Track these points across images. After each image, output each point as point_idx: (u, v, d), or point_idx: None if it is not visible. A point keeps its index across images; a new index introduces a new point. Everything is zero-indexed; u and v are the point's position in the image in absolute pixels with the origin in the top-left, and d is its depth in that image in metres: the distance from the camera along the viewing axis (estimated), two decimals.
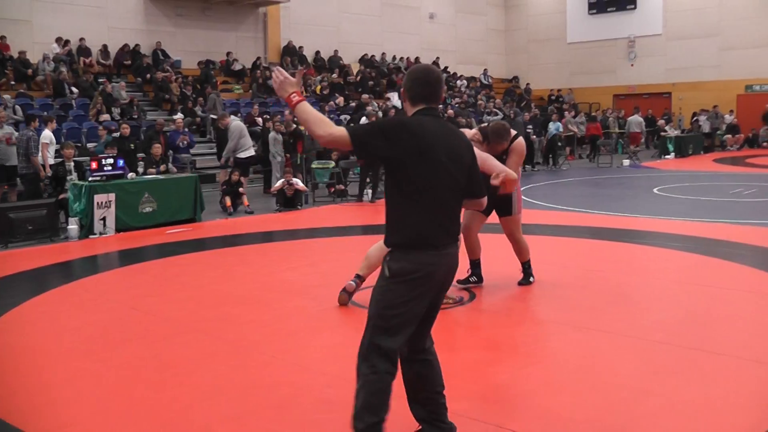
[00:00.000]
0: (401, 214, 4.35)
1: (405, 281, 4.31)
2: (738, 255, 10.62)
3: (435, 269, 4.38)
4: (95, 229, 13.79)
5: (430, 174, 4.29)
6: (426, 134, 4.30)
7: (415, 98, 4.48)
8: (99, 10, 27.64)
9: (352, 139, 4.18)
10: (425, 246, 4.33)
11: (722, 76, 37.74)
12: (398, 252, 4.35)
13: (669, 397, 5.52)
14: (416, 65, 4.68)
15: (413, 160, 4.24)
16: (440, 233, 4.38)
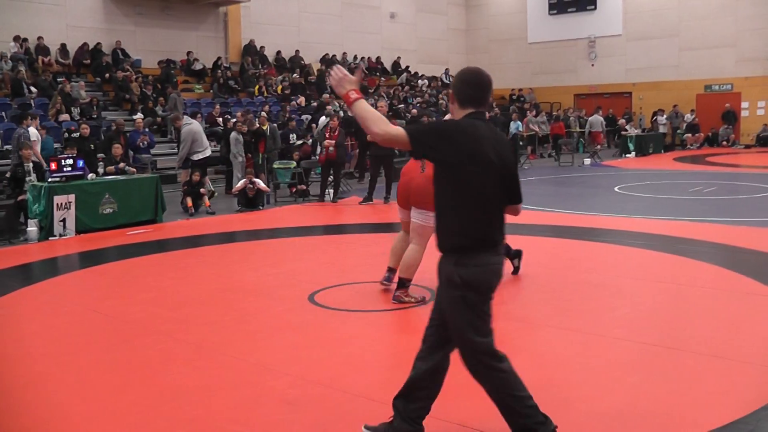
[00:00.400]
0: (460, 219, 4.40)
1: (477, 286, 4.40)
2: (698, 252, 10.71)
3: (497, 268, 4.50)
4: (55, 231, 13.66)
5: (484, 176, 4.35)
6: (479, 137, 4.36)
7: (465, 101, 4.53)
8: (57, 8, 27.38)
9: (411, 139, 4.24)
10: (488, 247, 4.42)
11: (682, 76, 38.07)
12: (463, 257, 4.40)
13: (630, 393, 5.56)
14: (466, 68, 4.70)
15: (468, 163, 4.30)
16: (498, 234, 4.50)
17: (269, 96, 30.25)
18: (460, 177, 4.34)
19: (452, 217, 4.42)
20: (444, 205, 4.48)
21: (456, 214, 4.41)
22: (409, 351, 6.85)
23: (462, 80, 4.57)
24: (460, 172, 4.31)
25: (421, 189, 8.51)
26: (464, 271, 4.36)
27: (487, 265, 4.41)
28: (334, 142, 17.71)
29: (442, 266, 4.50)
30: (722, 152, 32.94)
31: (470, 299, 4.40)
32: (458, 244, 4.39)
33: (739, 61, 36.44)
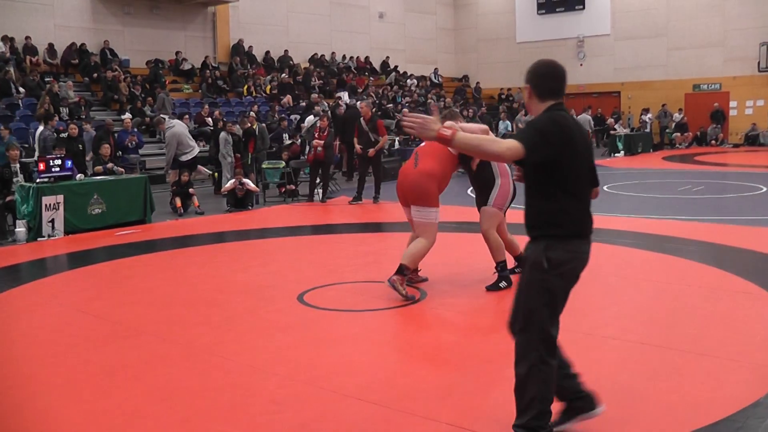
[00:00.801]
0: (557, 207, 4.49)
1: (563, 272, 4.51)
2: (686, 251, 10.73)
3: (586, 257, 4.62)
4: (44, 232, 13.62)
5: (577, 166, 4.49)
6: (571, 129, 4.47)
7: (545, 93, 4.59)
8: (45, 8, 27.31)
9: (525, 148, 4.25)
10: (580, 235, 4.55)
11: (670, 75, 38.16)
12: (557, 242, 4.49)
13: (618, 391, 5.57)
14: (540, 62, 4.75)
15: (565, 155, 4.39)
16: (589, 222, 4.60)
17: (258, 96, 30.22)
18: (562, 169, 4.43)
19: (550, 206, 4.49)
20: (536, 197, 4.55)
21: (554, 203, 4.48)
22: (398, 351, 6.88)
23: (539, 74, 4.63)
24: (562, 164, 4.40)
25: (416, 185, 8.61)
26: (554, 255, 4.46)
27: (578, 252, 4.55)
28: (323, 142, 17.70)
29: (529, 251, 4.59)
30: (711, 151, 33.04)
31: (552, 284, 4.49)
32: (554, 233, 4.48)
33: (728, 60, 36.54)
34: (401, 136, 27.34)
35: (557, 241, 4.47)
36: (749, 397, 5.39)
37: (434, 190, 8.66)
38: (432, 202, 8.63)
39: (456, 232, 12.71)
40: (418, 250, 8.57)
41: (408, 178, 8.73)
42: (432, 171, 8.65)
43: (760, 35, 35.17)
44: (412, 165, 8.80)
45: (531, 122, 4.50)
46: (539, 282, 4.49)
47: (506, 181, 8.96)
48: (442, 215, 8.95)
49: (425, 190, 8.60)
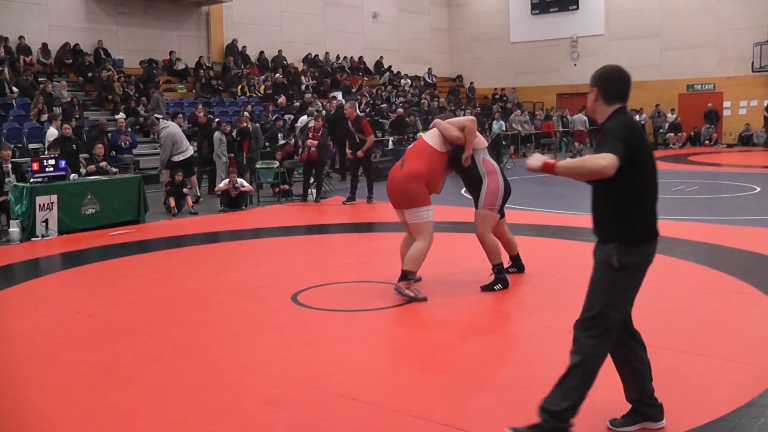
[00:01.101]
0: (628, 210, 4.63)
1: (633, 272, 4.68)
2: (680, 251, 10.74)
3: (653, 258, 4.80)
4: (37, 232, 13.60)
5: (648, 169, 4.65)
6: (641, 132, 4.66)
7: (612, 97, 4.73)
8: (39, 7, 27.26)
9: (619, 157, 4.35)
10: (650, 238, 4.72)
11: (664, 75, 38.21)
12: (628, 246, 4.63)
13: (613, 391, 5.56)
14: (609, 66, 4.90)
15: (638, 158, 4.52)
16: (656, 223, 4.76)
17: (252, 96, 30.21)
18: (637, 173, 4.56)
19: (620, 211, 4.62)
20: (608, 201, 4.68)
21: (623, 208, 4.62)
22: (392, 351, 6.88)
23: (608, 78, 4.77)
24: (633, 169, 4.51)
25: (402, 188, 8.59)
26: (626, 258, 4.61)
27: (648, 255, 4.72)
28: (317, 142, 17.70)
29: (601, 251, 4.75)
30: (704, 151, 33.08)
31: (621, 284, 4.69)
32: (626, 237, 4.60)
33: (721, 60, 36.60)
34: (395, 136, 27.34)
35: (629, 245, 4.61)
36: (743, 396, 5.40)
37: (421, 190, 8.59)
38: (421, 202, 8.57)
39: (450, 232, 12.72)
40: (418, 252, 8.54)
41: (395, 181, 8.70)
42: (417, 171, 8.59)
43: (753, 35, 35.21)
44: (399, 167, 8.79)
45: (609, 130, 4.56)
46: (609, 281, 4.66)
47: (493, 179, 8.90)
48: (437, 215, 8.93)
49: (412, 192, 8.56)
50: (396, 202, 8.78)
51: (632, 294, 4.78)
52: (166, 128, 18.12)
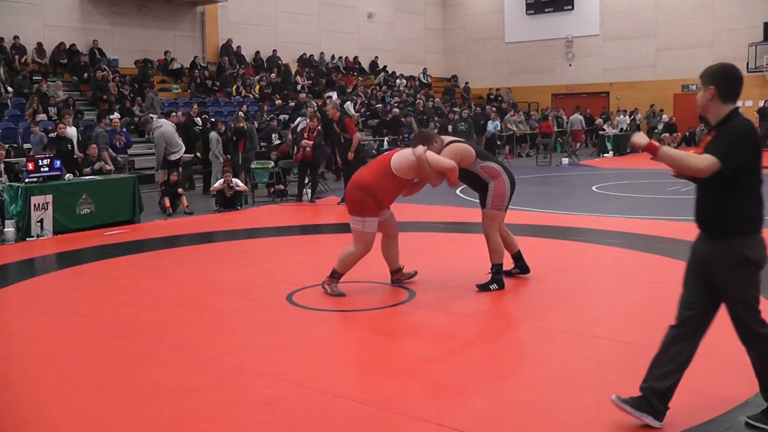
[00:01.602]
0: (748, 203, 4.71)
1: (759, 266, 4.76)
2: (675, 251, 10.72)
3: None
4: (32, 232, 13.58)
5: (759, 165, 4.71)
6: (756, 133, 4.71)
7: (729, 96, 4.78)
8: (33, 7, 27.26)
9: (721, 160, 4.49)
10: (760, 230, 4.75)
11: (659, 75, 38.28)
12: (750, 239, 4.73)
13: (607, 391, 5.57)
14: (724, 65, 4.95)
15: (753, 158, 4.63)
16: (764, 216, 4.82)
17: (247, 96, 30.20)
18: (749, 171, 4.64)
19: (740, 205, 4.70)
20: (721, 198, 4.74)
21: (745, 202, 4.70)
22: (387, 351, 6.87)
23: (727, 76, 4.82)
24: (750, 168, 4.62)
25: (348, 193, 8.66)
26: (754, 253, 4.71)
27: (764, 246, 4.79)
28: (312, 143, 17.71)
29: (726, 250, 4.77)
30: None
31: (754, 276, 4.77)
32: (746, 229, 4.70)
33: (716, 61, 35.62)
34: (389, 136, 27.34)
35: (750, 239, 4.71)
36: (738, 397, 5.41)
37: (365, 202, 8.50)
38: (364, 213, 8.54)
39: (444, 232, 12.73)
40: (348, 258, 8.68)
41: (348, 187, 8.79)
42: (364, 183, 8.54)
43: (748, 36, 35.31)
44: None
45: (727, 133, 4.67)
46: (743, 277, 4.76)
47: (499, 181, 8.78)
48: (431, 214, 8.90)
49: (354, 200, 8.56)
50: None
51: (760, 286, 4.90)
52: (159, 127, 18.11)
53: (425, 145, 8.51)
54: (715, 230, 4.80)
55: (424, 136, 8.74)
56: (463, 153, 8.65)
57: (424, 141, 8.59)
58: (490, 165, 8.83)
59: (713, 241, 4.80)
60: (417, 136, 8.78)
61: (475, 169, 8.77)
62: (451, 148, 8.64)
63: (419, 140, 8.61)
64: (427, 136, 8.80)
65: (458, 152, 8.62)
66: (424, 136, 8.79)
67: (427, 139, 8.66)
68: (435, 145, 8.60)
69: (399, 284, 9.06)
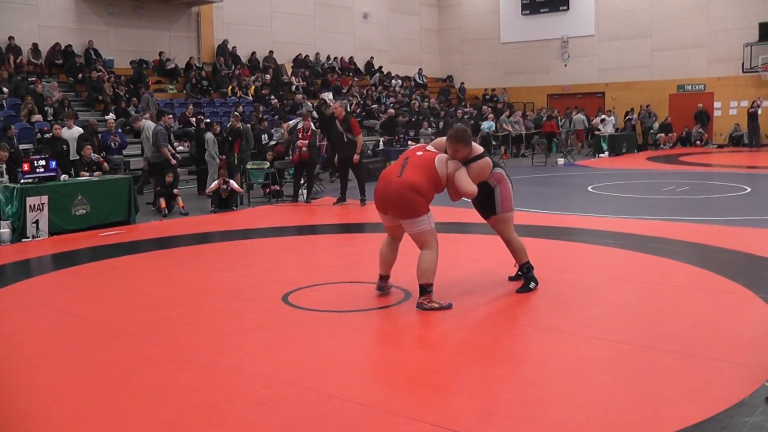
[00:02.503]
0: None
1: None
2: (670, 251, 10.76)
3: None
4: (28, 233, 13.57)
5: None
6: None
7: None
8: (29, 7, 27.20)
9: None
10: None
11: (654, 76, 38.31)
12: None
13: (603, 391, 5.59)
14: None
15: None
16: None
17: (242, 97, 30.19)
18: None
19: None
20: None
21: None
22: (383, 352, 6.88)
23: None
24: None
25: (399, 197, 8.05)
26: None
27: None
28: (307, 142, 17.71)
29: None
30: (695, 152, 33.17)
31: None
32: None
33: (712, 61, 36.71)
34: (386, 137, 27.34)
35: None
36: (734, 396, 5.41)
37: (420, 201, 8.04)
38: (421, 212, 8.08)
39: (439, 232, 12.72)
40: (429, 263, 8.15)
41: (391, 188, 8.14)
42: (419, 186, 8.06)
43: (743, 36, 35.33)
44: (397, 172, 8.24)
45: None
46: None
47: (503, 185, 8.60)
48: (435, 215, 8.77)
49: (411, 203, 8.03)
50: (387, 210, 8.29)
51: None
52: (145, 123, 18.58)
53: (465, 145, 8.20)
54: None
55: (462, 137, 8.21)
56: (486, 171, 8.39)
57: (461, 140, 8.19)
58: (497, 171, 8.62)
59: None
60: (455, 135, 8.21)
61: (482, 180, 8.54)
62: (478, 167, 8.31)
63: (457, 139, 8.18)
64: (466, 136, 8.24)
65: (483, 171, 8.33)
66: (461, 136, 8.21)
67: (466, 139, 8.22)
68: (463, 152, 8.25)
69: (382, 291, 8.87)
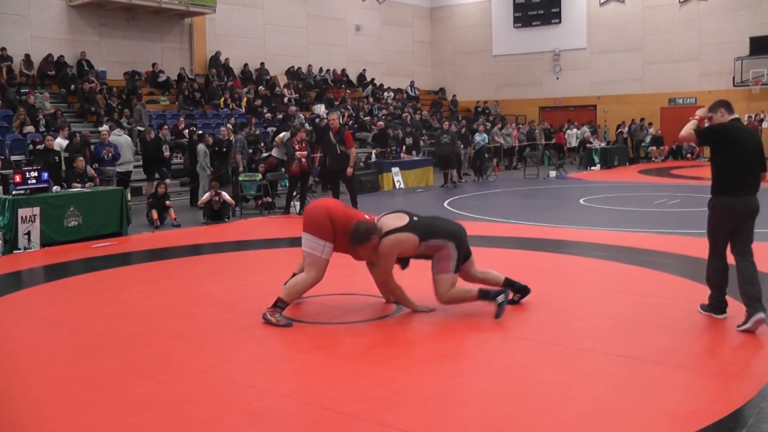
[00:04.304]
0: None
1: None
2: (662, 264, 10.79)
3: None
4: (19, 244, 13.54)
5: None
6: None
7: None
8: (21, 18, 27.23)
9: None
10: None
11: (646, 89, 38.47)
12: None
13: (595, 403, 5.60)
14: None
15: None
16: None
17: (235, 109, 30.21)
18: None
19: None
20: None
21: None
22: (374, 363, 6.88)
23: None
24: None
25: (316, 213, 8.22)
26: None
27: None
28: (305, 152, 17.78)
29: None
30: (686, 165, 33.30)
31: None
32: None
33: (703, 74, 36.87)
34: (377, 149, 27.38)
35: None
36: (724, 409, 5.43)
37: (330, 227, 8.06)
38: (325, 235, 8.08)
39: None
40: (299, 286, 8.25)
41: (314, 204, 8.45)
42: (334, 213, 8.14)
43: (734, 50, 35.51)
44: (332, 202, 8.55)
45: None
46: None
47: (443, 251, 8.16)
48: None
49: (319, 220, 8.12)
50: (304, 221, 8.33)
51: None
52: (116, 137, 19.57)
53: (363, 244, 8.04)
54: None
55: (362, 236, 8.02)
56: (403, 245, 8.10)
57: (361, 240, 8.04)
58: (433, 243, 8.18)
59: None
60: (354, 235, 8.00)
61: (420, 252, 8.25)
62: (390, 242, 8.09)
63: (356, 240, 8.02)
64: (365, 235, 8.02)
65: (397, 245, 8.09)
66: (362, 235, 8.02)
67: (365, 238, 8.02)
68: (373, 242, 8.07)
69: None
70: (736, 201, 7.57)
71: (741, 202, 7.58)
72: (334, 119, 17.99)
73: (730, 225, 7.66)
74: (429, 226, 8.21)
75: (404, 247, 8.10)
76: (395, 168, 25.47)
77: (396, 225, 8.11)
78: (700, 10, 36.84)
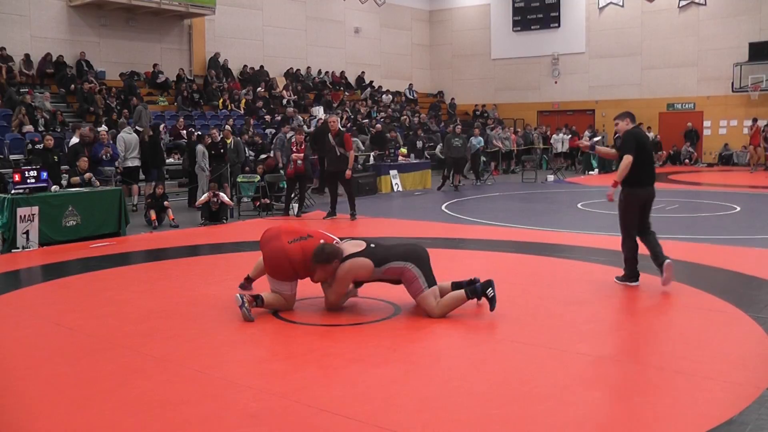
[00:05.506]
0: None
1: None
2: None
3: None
4: (18, 243, 13.53)
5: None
6: None
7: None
8: (21, 18, 27.24)
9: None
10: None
11: (644, 94, 38.47)
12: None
13: (592, 408, 5.60)
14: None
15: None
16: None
17: (234, 110, 30.21)
18: None
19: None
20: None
21: None
22: (372, 366, 6.88)
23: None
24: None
25: (272, 260, 8.66)
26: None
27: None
28: (302, 155, 17.75)
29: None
30: (684, 170, 33.29)
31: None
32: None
33: (701, 80, 36.90)
34: (376, 151, 27.37)
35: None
36: (723, 415, 5.43)
37: (291, 269, 8.48)
38: (287, 278, 8.59)
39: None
40: (274, 301, 8.69)
41: (272, 248, 8.64)
42: (295, 258, 8.45)
43: (733, 56, 35.54)
44: (286, 237, 8.65)
45: None
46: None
47: (405, 272, 8.35)
48: (424, 230, 8.80)
49: (281, 268, 8.55)
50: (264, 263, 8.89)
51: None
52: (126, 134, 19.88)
53: (327, 264, 8.31)
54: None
55: (326, 257, 8.31)
56: (358, 271, 8.39)
57: (324, 261, 8.30)
58: (392, 266, 8.40)
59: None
60: (319, 254, 8.29)
61: (378, 277, 8.49)
62: (347, 267, 8.38)
63: (319, 259, 8.30)
64: (329, 257, 8.33)
65: (353, 270, 8.38)
66: (326, 256, 8.32)
67: (328, 260, 8.31)
68: (333, 265, 8.36)
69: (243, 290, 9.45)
70: (643, 190, 9.90)
71: (647, 191, 9.98)
72: (334, 121, 17.96)
73: (640, 210, 10.00)
74: (386, 252, 8.53)
75: (359, 273, 8.46)
76: (393, 171, 25.47)
77: (353, 251, 8.48)
78: (699, 16, 36.86)
